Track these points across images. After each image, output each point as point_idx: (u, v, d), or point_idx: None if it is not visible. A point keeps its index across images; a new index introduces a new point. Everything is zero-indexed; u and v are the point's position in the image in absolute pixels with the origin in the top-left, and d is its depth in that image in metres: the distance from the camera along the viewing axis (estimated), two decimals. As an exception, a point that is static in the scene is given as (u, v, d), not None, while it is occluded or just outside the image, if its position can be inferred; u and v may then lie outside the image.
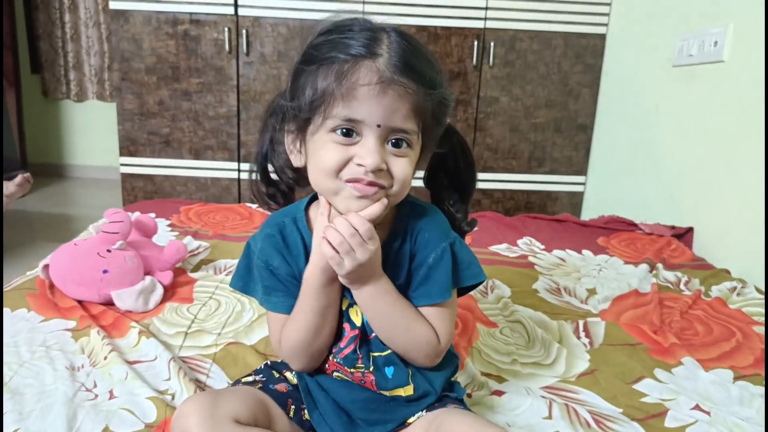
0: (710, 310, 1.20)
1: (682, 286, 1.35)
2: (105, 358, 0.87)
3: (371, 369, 0.69)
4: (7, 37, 3.14)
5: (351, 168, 0.59)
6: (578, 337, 1.06)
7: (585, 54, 2.40)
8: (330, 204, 0.64)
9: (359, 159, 0.59)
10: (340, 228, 0.59)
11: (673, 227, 1.76)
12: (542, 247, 1.62)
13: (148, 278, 1.11)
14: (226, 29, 2.28)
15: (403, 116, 0.59)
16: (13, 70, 3.21)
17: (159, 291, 1.11)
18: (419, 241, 0.68)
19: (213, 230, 1.62)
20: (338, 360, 0.70)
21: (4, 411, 0.73)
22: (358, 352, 0.69)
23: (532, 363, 0.96)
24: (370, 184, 0.60)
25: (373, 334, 0.69)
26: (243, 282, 0.72)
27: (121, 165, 2.44)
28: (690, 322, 1.14)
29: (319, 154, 0.61)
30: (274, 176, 0.72)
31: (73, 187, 3.49)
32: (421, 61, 0.61)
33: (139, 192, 2.46)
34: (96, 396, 0.79)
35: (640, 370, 0.95)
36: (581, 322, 1.12)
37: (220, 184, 2.46)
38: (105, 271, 1.07)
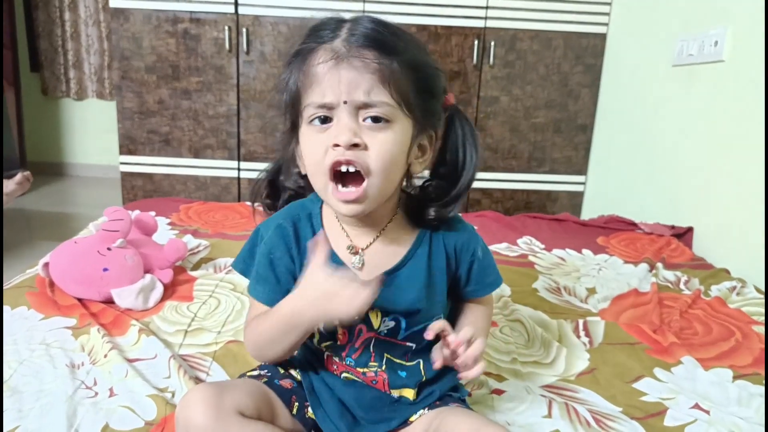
0: (710, 310, 1.20)
1: (681, 286, 1.35)
2: (105, 356, 0.87)
3: (384, 368, 0.70)
4: (6, 35, 3.14)
5: (329, 153, 0.59)
6: (578, 337, 1.06)
7: (585, 54, 2.40)
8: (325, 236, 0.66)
9: (334, 139, 0.58)
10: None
11: (672, 227, 1.76)
12: (542, 246, 1.62)
13: (148, 276, 1.11)
14: (227, 28, 2.28)
15: (367, 88, 0.58)
16: (13, 69, 3.21)
17: (159, 289, 1.11)
18: (456, 245, 0.72)
19: (213, 229, 1.62)
20: (349, 362, 0.70)
21: (4, 409, 0.73)
22: (371, 350, 0.69)
23: (532, 362, 0.96)
24: (348, 162, 0.59)
25: (386, 337, 0.69)
26: (244, 264, 0.74)
27: (121, 163, 2.44)
28: (689, 322, 1.14)
29: (305, 149, 0.62)
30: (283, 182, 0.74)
31: (72, 185, 3.49)
32: (383, 34, 0.60)
33: (138, 191, 2.46)
34: (96, 394, 0.78)
35: (640, 369, 0.95)
36: (581, 322, 1.12)
37: (220, 182, 2.46)
38: (105, 269, 1.07)
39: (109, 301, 1.07)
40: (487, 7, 2.31)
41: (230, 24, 2.29)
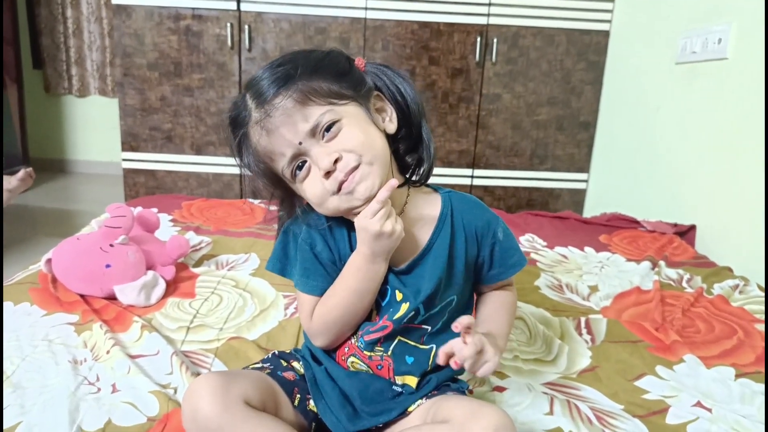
0: (712, 308, 1.20)
1: (684, 284, 1.34)
2: (107, 352, 0.88)
3: (389, 353, 0.71)
4: (8, 32, 3.14)
5: (327, 183, 0.63)
6: (580, 334, 1.06)
7: (588, 51, 2.39)
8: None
9: (320, 172, 0.63)
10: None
11: (675, 225, 1.76)
12: (544, 244, 1.62)
13: (150, 273, 1.11)
14: (229, 25, 2.28)
15: (302, 119, 0.62)
16: (15, 66, 3.21)
17: (161, 286, 1.11)
18: (476, 228, 0.73)
19: (215, 226, 1.62)
20: (359, 343, 0.71)
21: (7, 404, 0.74)
22: (382, 336, 0.70)
23: (534, 359, 0.96)
24: (347, 174, 0.63)
25: (404, 323, 0.70)
26: (281, 264, 0.75)
27: (123, 160, 2.44)
28: (692, 320, 1.14)
29: (311, 198, 0.66)
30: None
31: (75, 182, 3.50)
32: (273, 74, 0.64)
33: (140, 187, 2.46)
34: (98, 390, 0.79)
35: (642, 367, 0.95)
36: (583, 319, 1.12)
37: (222, 179, 2.46)
38: (107, 266, 1.07)
39: (112, 298, 1.08)
40: (489, 4, 2.31)
41: (232, 21, 2.29)
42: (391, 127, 0.69)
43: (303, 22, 2.31)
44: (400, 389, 0.72)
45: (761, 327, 1.12)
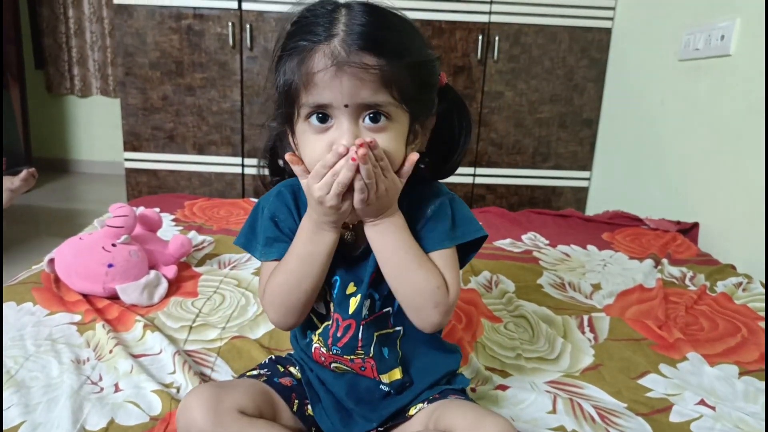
0: (715, 306, 1.20)
1: (687, 282, 1.34)
2: (110, 351, 0.88)
3: (371, 354, 0.69)
4: (11, 32, 3.14)
5: (327, 154, 0.58)
6: (583, 332, 1.06)
7: (590, 48, 2.38)
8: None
9: (336, 144, 0.57)
10: (362, 152, 0.56)
11: (678, 222, 1.75)
12: (547, 242, 1.62)
13: (152, 272, 1.11)
14: (230, 24, 2.28)
15: (370, 92, 0.57)
16: (17, 66, 3.21)
17: (164, 285, 1.11)
18: (422, 209, 0.67)
19: (217, 225, 1.62)
20: (336, 351, 0.70)
21: (11, 404, 0.74)
22: (360, 338, 0.69)
23: (537, 358, 0.96)
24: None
25: (370, 317, 0.68)
26: (245, 239, 0.72)
27: (125, 160, 2.44)
28: (695, 318, 1.14)
29: (304, 149, 0.61)
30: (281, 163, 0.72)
31: (77, 182, 3.50)
32: (383, 31, 0.58)
33: (143, 187, 2.47)
34: (101, 389, 0.79)
35: (645, 365, 0.95)
36: (586, 317, 1.11)
37: (224, 179, 2.47)
38: (110, 265, 1.07)
39: (114, 297, 1.08)
40: (491, 2, 2.30)
41: (234, 20, 2.29)
42: (407, 152, 0.64)
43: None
44: (387, 388, 0.71)
45: (765, 324, 1.11)
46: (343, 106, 0.57)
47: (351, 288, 0.68)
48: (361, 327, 0.68)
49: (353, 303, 0.68)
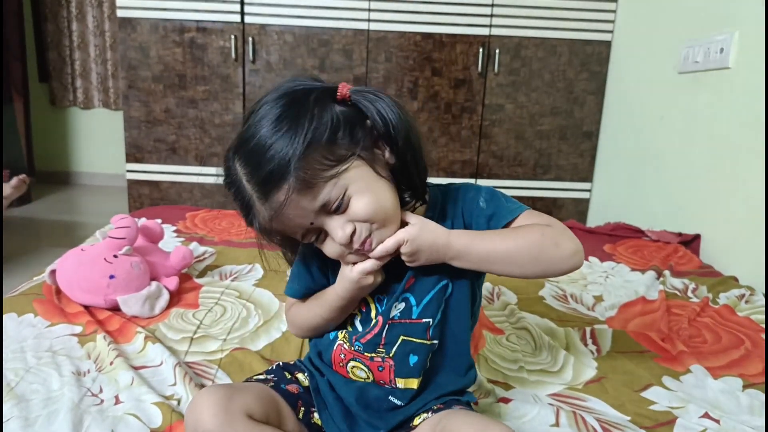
0: (718, 318, 1.19)
1: (689, 294, 1.34)
2: (111, 363, 0.88)
3: (392, 354, 0.70)
4: (17, 50, 3.17)
5: (348, 257, 0.65)
6: (585, 345, 1.06)
7: (590, 61, 2.40)
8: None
9: (342, 259, 0.66)
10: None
11: (679, 234, 1.75)
12: (548, 254, 1.61)
13: (154, 284, 1.11)
14: (233, 37, 2.30)
15: (311, 200, 0.60)
16: (22, 79, 3.24)
17: (165, 297, 1.11)
18: (462, 210, 0.71)
19: (219, 236, 1.62)
20: (358, 347, 0.71)
21: (11, 416, 0.73)
22: (383, 336, 0.70)
23: (539, 370, 0.95)
24: (362, 245, 0.63)
25: (401, 319, 0.70)
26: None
27: (128, 172, 2.45)
28: (698, 330, 1.13)
29: (325, 253, 0.66)
30: None
31: (79, 194, 3.51)
32: (262, 170, 0.59)
33: (145, 199, 2.47)
34: (102, 401, 0.78)
35: (648, 377, 0.94)
36: (588, 330, 1.11)
37: (226, 190, 2.47)
38: (111, 277, 1.07)
39: (116, 309, 1.08)
40: (492, 15, 2.32)
41: (236, 33, 2.31)
42: (392, 159, 0.65)
43: (306, 35, 2.32)
44: (397, 402, 0.71)
45: (765, 337, 1.11)
46: (310, 224, 0.62)
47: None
48: (387, 326, 0.69)
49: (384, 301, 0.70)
